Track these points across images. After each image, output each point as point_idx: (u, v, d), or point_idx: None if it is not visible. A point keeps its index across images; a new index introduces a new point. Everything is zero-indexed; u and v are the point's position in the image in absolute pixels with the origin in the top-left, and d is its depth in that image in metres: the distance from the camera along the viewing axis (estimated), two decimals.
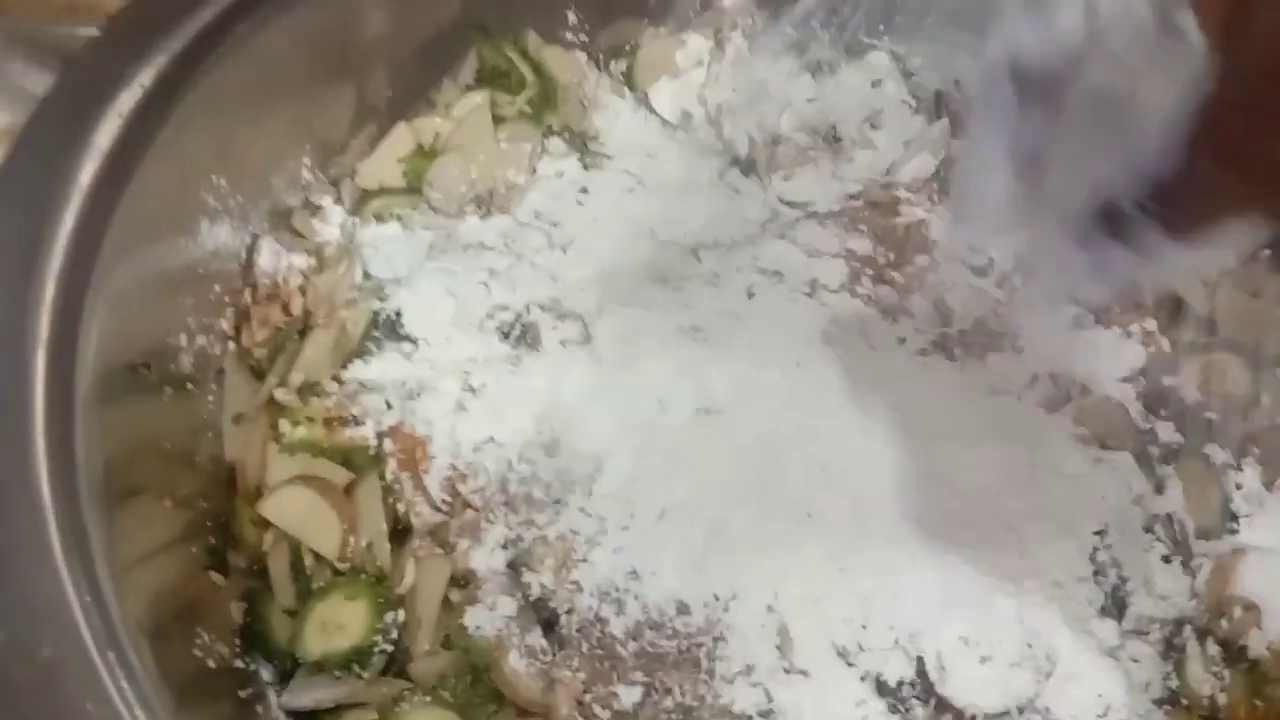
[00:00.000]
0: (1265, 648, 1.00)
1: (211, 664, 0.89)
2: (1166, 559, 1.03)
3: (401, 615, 0.94)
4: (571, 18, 1.39)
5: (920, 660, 0.92)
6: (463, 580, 0.96)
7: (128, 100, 0.98)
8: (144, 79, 1.00)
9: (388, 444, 1.02)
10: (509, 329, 1.10)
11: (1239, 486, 1.09)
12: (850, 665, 0.92)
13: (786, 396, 1.02)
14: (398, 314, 1.09)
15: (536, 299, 1.11)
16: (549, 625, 0.94)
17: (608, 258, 1.17)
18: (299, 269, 1.14)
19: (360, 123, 1.25)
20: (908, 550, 0.94)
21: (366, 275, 1.14)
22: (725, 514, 0.95)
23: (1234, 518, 1.07)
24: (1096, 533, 1.00)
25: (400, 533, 0.99)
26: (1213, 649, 0.99)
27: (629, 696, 0.90)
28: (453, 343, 1.08)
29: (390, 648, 0.93)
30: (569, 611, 0.93)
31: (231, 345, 1.08)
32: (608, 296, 1.12)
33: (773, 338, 1.07)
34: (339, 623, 0.93)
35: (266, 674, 0.93)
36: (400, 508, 1.00)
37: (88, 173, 0.94)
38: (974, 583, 0.94)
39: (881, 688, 0.92)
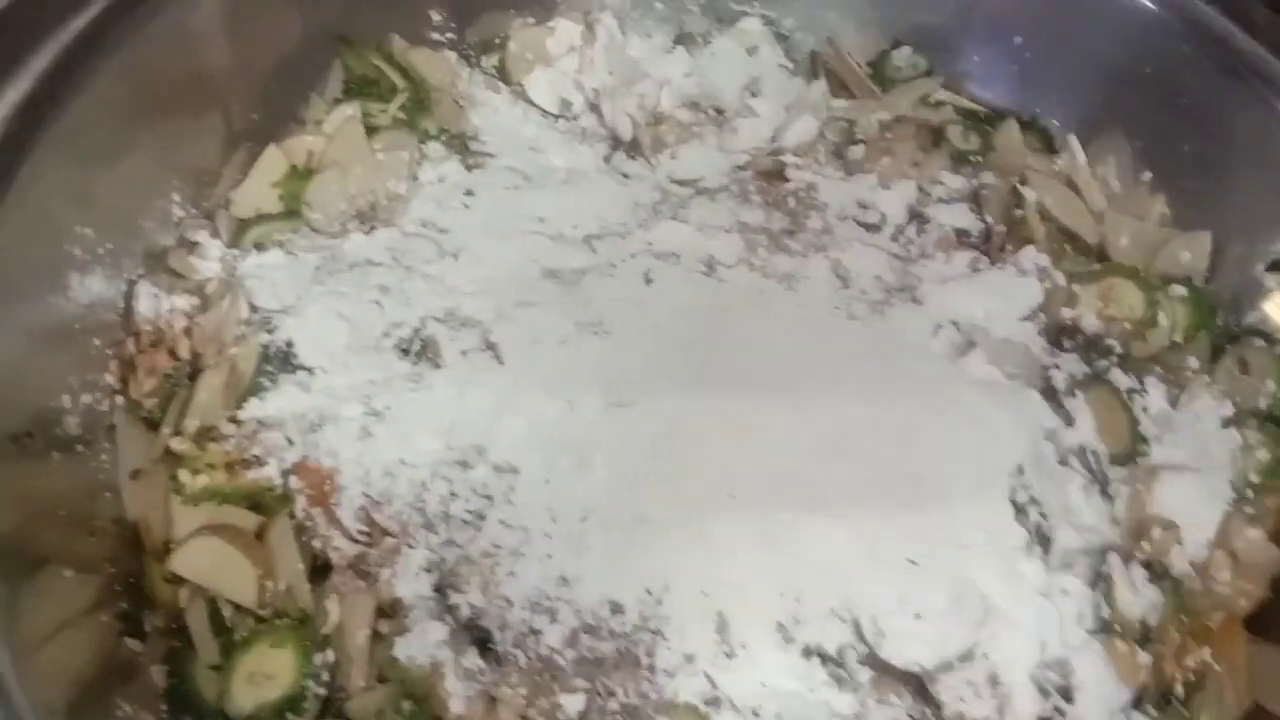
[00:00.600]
0: (1187, 563, 1.02)
1: None
2: (1084, 489, 1.05)
3: (331, 655, 0.92)
4: (435, 16, 1.36)
5: (857, 625, 0.92)
6: (390, 610, 0.94)
7: None
8: None
9: (294, 481, 0.99)
10: (407, 346, 1.07)
11: (1145, 410, 1.11)
12: (790, 640, 0.91)
13: (694, 379, 1.01)
14: (289, 344, 1.06)
15: (432, 311, 1.08)
16: (483, 644, 0.92)
17: (500, 260, 1.15)
18: (181, 310, 1.09)
19: (229, 149, 1.21)
20: (830, 516, 0.94)
21: (253, 308, 1.10)
22: (647, 505, 0.94)
23: (1144, 440, 1.09)
24: (1014, 473, 1.00)
25: (319, 570, 0.97)
26: (1137, 572, 1.01)
27: (573, 705, 0.89)
28: (350, 368, 1.05)
29: (324, 690, 0.91)
30: (502, 628, 0.91)
31: (119, 399, 1.04)
32: (504, 300, 1.10)
33: (674, 322, 1.06)
34: (267, 672, 0.90)
35: None
36: (316, 544, 0.97)
37: None
38: (899, 540, 0.94)
39: (823, 658, 0.92)
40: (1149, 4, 1.26)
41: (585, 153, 1.31)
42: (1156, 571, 1.02)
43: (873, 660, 0.92)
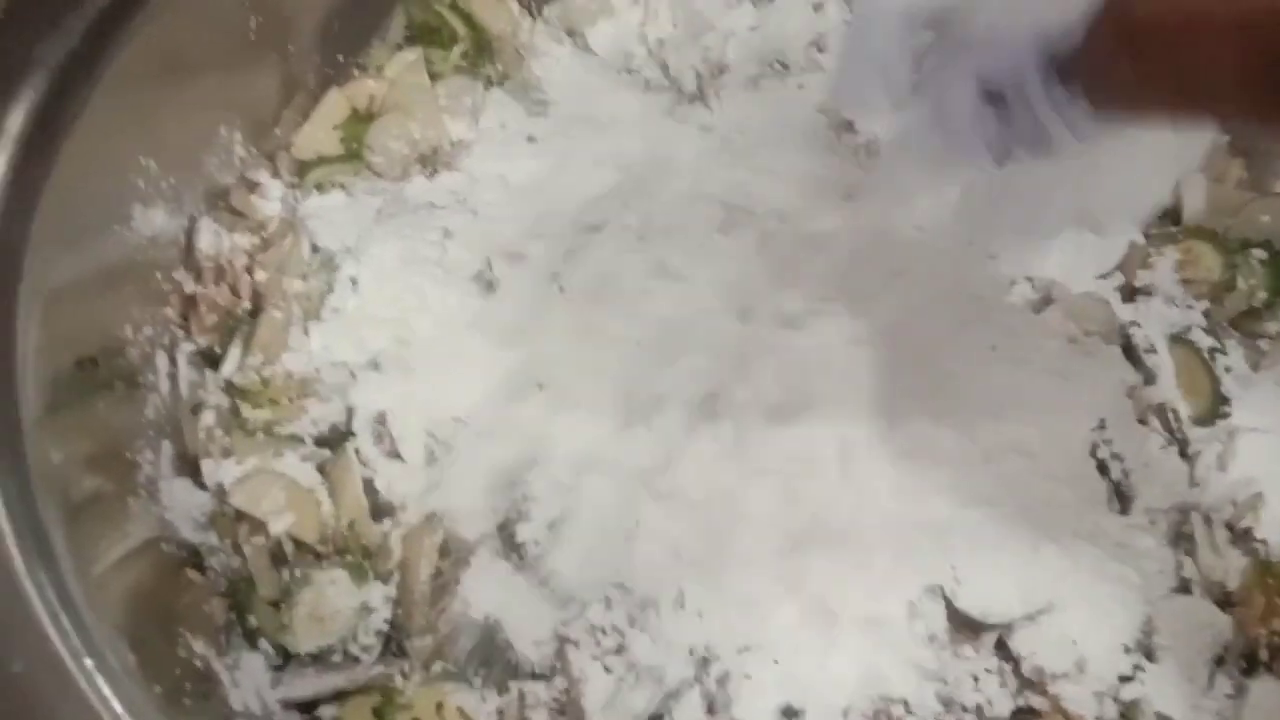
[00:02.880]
0: (1271, 528, 0.99)
1: (197, 664, 0.84)
2: (1163, 449, 1.02)
3: (394, 592, 0.90)
4: None
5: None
6: (454, 549, 0.92)
7: (36, 84, 0.92)
8: (50, 59, 0.94)
9: (358, 418, 0.97)
10: (473, 289, 1.05)
11: (1228, 370, 1.07)
12: None
13: (769, 326, 0.98)
14: (353, 282, 1.04)
15: (497, 252, 1.07)
16: (551, 582, 0.90)
17: (567, 203, 1.13)
18: (243, 249, 1.08)
19: (289, 92, 1.19)
20: (911, 459, 0.91)
21: (315, 248, 1.09)
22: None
23: (1225, 401, 1.06)
24: (1095, 428, 0.97)
25: (381, 507, 0.95)
26: (1220, 533, 0.97)
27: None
28: (414, 310, 1.03)
29: (385, 627, 0.89)
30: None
31: (181, 333, 1.02)
32: (573, 243, 1.08)
33: (751, 269, 1.03)
34: (328, 609, 0.89)
35: (258, 667, 0.88)
36: (379, 482, 0.95)
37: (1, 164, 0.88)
38: (980, 490, 0.91)
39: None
40: None
41: (649, 102, 1.28)
42: (1238, 534, 0.99)
43: (949, 611, 0.89)
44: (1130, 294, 1.14)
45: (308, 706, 0.87)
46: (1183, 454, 1.02)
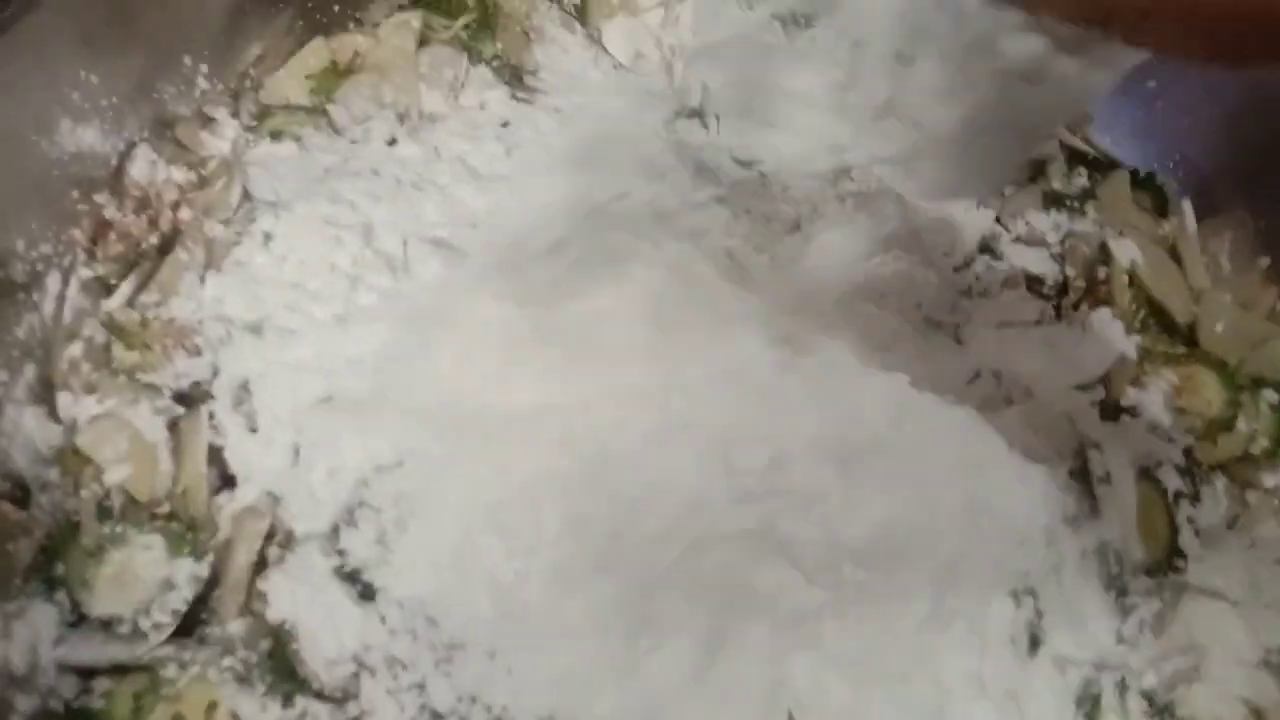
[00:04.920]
0: (1201, 708, 0.87)
1: None
2: (1097, 594, 0.90)
3: (204, 572, 0.84)
4: None
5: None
6: (280, 540, 0.86)
7: None
8: None
9: (223, 380, 0.91)
10: (384, 266, 0.98)
11: (1191, 520, 0.95)
12: None
13: (702, 400, 0.89)
14: (266, 237, 0.98)
15: (421, 235, 1.00)
16: (365, 598, 0.83)
17: (518, 199, 1.05)
18: (176, 183, 1.03)
19: (275, 34, 1.13)
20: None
21: (246, 195, 1.03)
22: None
23: (1181, 554, 0.93)
24: (1014, 556, 0.86)
25: (223, 479, 0.89)
26: (1135, 703, 0.86)
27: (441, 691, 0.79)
28: (318, 277, 0.97)
29: (185, 607, 0.83)
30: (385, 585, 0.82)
31: (82, 256, 0.98)
32: (507, 238, 1.00)
33: (693, 329, 0.94)
34: (136, 573, 0.83)
35: (48, 621, 0.82)
36: (227, 453, 0.89)
37: None
38: (860, 609, 0.80)
39: None
40: None
41: (645, 110, 1.20)
42: (1158, 708, 0.87)
43: None
44: (1114, 413, 1.02)
45: (87, 674, 0.81)
46: (1117, 603, 0.91)
